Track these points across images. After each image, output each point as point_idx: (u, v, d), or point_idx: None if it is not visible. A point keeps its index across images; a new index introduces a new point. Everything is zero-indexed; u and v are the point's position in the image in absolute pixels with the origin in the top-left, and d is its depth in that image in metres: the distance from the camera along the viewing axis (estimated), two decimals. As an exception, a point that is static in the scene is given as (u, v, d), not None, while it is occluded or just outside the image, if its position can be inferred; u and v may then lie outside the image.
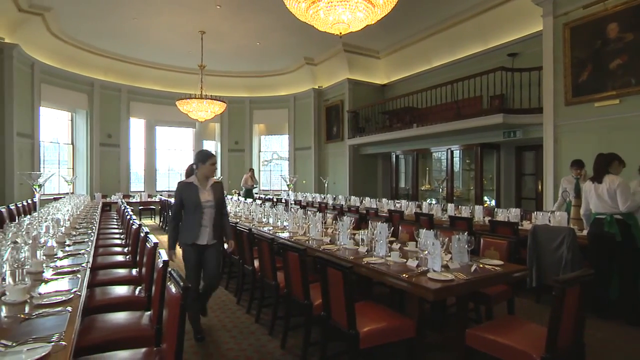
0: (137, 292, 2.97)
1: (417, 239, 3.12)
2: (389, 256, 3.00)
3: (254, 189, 12.55)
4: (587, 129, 6.20)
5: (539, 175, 8.28)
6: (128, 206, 7.22)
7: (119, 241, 5.14)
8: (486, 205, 8.58)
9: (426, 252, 2.77)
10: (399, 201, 8.25)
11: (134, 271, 3.57)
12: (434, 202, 9.02)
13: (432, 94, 9.26)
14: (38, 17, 9.12)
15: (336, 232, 4.04)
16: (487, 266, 2.75)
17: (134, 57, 12.13)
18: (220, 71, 12.98)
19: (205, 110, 10.43)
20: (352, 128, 11.98)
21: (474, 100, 8.34)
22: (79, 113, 12.29)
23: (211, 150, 16.12)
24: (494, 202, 8.91)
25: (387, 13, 4.74)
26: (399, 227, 4.59)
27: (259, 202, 7.83)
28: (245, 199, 8.55)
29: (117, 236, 5.52)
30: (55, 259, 2.96)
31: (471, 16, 8.99)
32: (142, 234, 3.51)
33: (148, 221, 11.80)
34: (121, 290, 3.03)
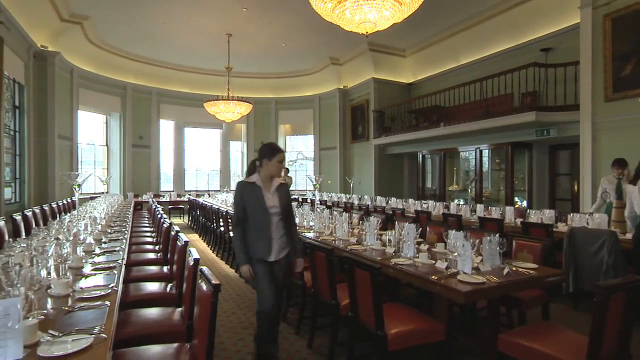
0: (168, 289, 3.06)
1: (446, 240, 3.06)
2: (417, 257, 2.95)
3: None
4: (629, 126, 5.87)
5: (574, 175, 7.92)
6: (158, 205, 7.46)
7: (150, 239, 5.31)
8: (517, 206, 8.30)
9: (456, 253, 2.70)
10: (425, 202, 8.11)
11: (165, 268, 3.67)
12: (462, 202, 8.80)
13: (460, 92, 9.05)
14: (77, 26, 9.60)
15: (363, 233, 4.01)
16: (520, 269, 2.65)
17: (163, 60, 12.51)
18: (247, 72, 13.18)
19: (232, 112, 10.62)
20: (377, 128, 11.88)
21: (504, 97, 8.08)
22: (112, 115, 12.80)
23: (237, 150, 16.38)
24: (525, 203, 8.60)
25: (414, 10, 4.67)
26: (427, 228, 4.51)
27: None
28: None
29: (149, 234, 5.70)
30: (93, 255, 3.10)
31: (502, 11, 8.71)
32: (172, 233, 3.61)
33: (177, 220, 12.15)
34: (153, 287, 3.13)
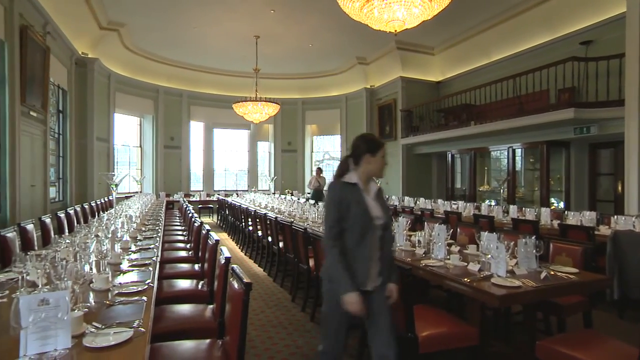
0: (199, 287, 3.13)
1: (478, 242, 2.97)
2: (448, 259, 2.89)
3: (323, 190, 10.91)
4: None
5: (618, 175, 7.48)
6: (189, 205, 7.66)
7: (181, 237, 5.47)
8: (553, 207, 7.96)
9: (489, 256, 2.62)
10: (455, 202, 7.93)
11: (196, 266, 3.77)
12: (494, 203, 8.53)
13: (491, 89, 8.77)
14: (114, 33, 10.05)
15: (391, 233, 3.97)
16: (559, 274, 2.53)
17: (194, 63, 12.85)
18: (274, 74, 13.33)
19: (260, 112, 10.78)
20: (405, 127, 11.71)
21: (539, 94, 7.74)
22: (146, 118, 13.28)
23: (264, 150, 16.59)
24: (562, 204, 8.22)
25: (444, 7, 4.56)
26: (457, 229, 4.40)
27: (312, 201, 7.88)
28: (316, 203, 6.92)
29: (180, 233, 5.87)
30: (130, 252, 3.22)
31: (537, 3, 8.34)
32: (203, 232, 3.70)
33: (207, 219, 12.45)
34: (185, 284, 3.22)
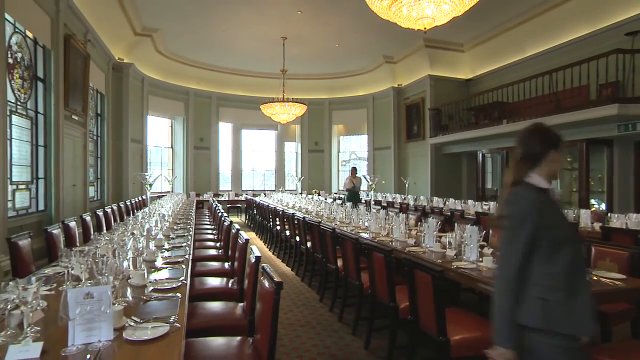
0: (230, 284, 3.20)
1: (513, 244, 2.86)
2: (481, 261, 2.81)
3: (359, 192, 10.12)
4: None
5: (667, 175, 7.02)
6: (218, 204, 7.83)
7: (211, 236, 5.60)
8: (594, 209, 7.56)
9: (526, 259, 2.52)
10: (486, 203, 7.69)
11: (226, 265, 3.85)
12: (528, 204, 8.20)
13: (525, 86, 8.43)
14: (148, 38, 10.44)
15: (420, 234, 3.90)
16: (603, 279, 2.40)
17: (223, 66, 13.13)
18: (301, 74, 13.41)
19: (287, 113, 10.88)
20: (433, 126, 11.48)
21: (578, 90, 7.37)
22: (177, 119, 13.70)
23: (291, 151, 16.72)
24: (604, 206, 7.79)
25: (476, 2, 4.44)
26: (489, 231, 4.26)
27: (339, 201, 7.85)
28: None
29: (210, 231, 6.01)
30: (163, 250, 3.32)
31: (577, -6, 7.95)
32: (233, 231, 3.76)
33: (235, 218, 12.68)
34: (215, 282, 3.29)
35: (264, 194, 12.96)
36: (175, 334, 1.52)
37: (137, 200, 9.55)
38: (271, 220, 7.46)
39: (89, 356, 1.27)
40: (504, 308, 1.54)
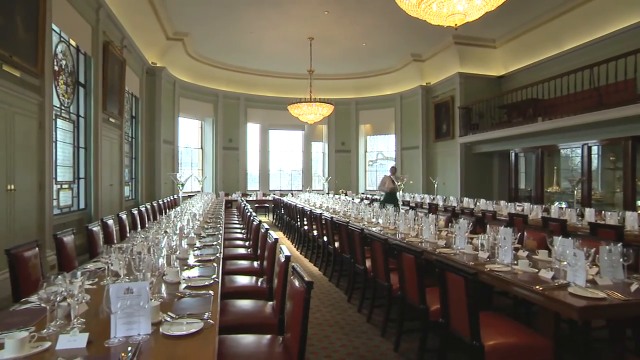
0: (259, 283, 3.24)
1: (550, 247, 2.75)
2: (516, 264, 2.71)
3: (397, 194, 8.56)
4: None
5: None
6: (247, 204, 7.97)
7: (240, 235, 5.70)
8: None
9: (564, 263, 2.41)
10: (520, 204, 7.41)
11: (255, 263, 3.91)
12: (565, 205, 7.85)
13: (562, 81, 8.07)
14: (179, 42, 10.77)
15: (451, 235, 3.81)
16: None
17: (250, 67, 13.34)
18: (328, 74, 13.42)
19: (315, 113, 10.93)
20: (463, 125, 11.19)
21: (623, 84, 6.95)
22: (206, 121, 14.05)
23: (318, 151, 16.80)
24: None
25: (510, -4, 4.28)
26: (524, 233, 4.11)
27: (366, 201, 7.78)
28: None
29: (239, 231, 6.12)
30: (195, 248, 3.41)
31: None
32: (262, 230, 3.81)
33: (262, 218, 12.85)
34: (244, 280, 3.34)
35: (291, 194, 13.06)
36: (209, 330, 1.56)
37: (168, 200, 9.86)
38: (299, 220, 7.51)
39: (130, 348, 1.32)
40: None
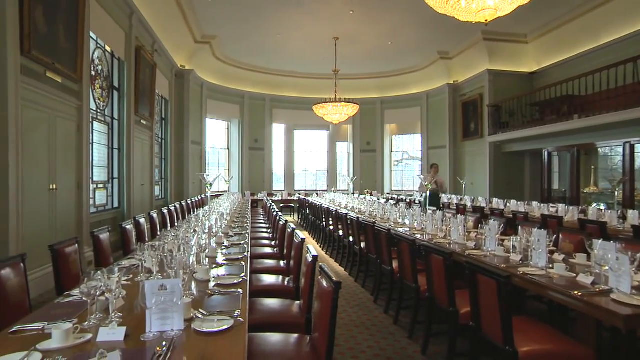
0: (286, 282, 3.26)
1: (589, 250, 2.62)
2: (551, 268, 2.60)
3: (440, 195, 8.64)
4: None
5: None
6: (273, 204, 8.05)
7: (266, 234, 5.77)
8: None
9: (606, 267, 2.29)
10: (554, 205, 7.13)
11: (281, 263, 3.94)
12: (604, 207, 7.48)
13: (601, 76, 7.68)
14: (207, 45, 11.01)
15: (480, 237, 3.72)
16: None
17: (276, 68, 13.47)
18: (353, 74, 13.37)
19: (340, 113, 10.91)
20: (493, 124, 10.87)
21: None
22: (232, 122, 14.31)
23: (343, 151, 16.76)
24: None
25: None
26: (559, 235, 3.94)
27: (392, 202, 7.70)
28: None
29: (265, 230, 6.19)
30: (223, 247, 3.48)
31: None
32: (288, 230, 3.84)
33: (288, 217, 12.92)
34: (271, 279, 3.38)
35: (316, 194, 13.09)
36: (239, 328, 1.59)
37: (197, 199, 10.11)
38: (324, 219, 7.52)
39: (164, 343, 1.36)
40: None
